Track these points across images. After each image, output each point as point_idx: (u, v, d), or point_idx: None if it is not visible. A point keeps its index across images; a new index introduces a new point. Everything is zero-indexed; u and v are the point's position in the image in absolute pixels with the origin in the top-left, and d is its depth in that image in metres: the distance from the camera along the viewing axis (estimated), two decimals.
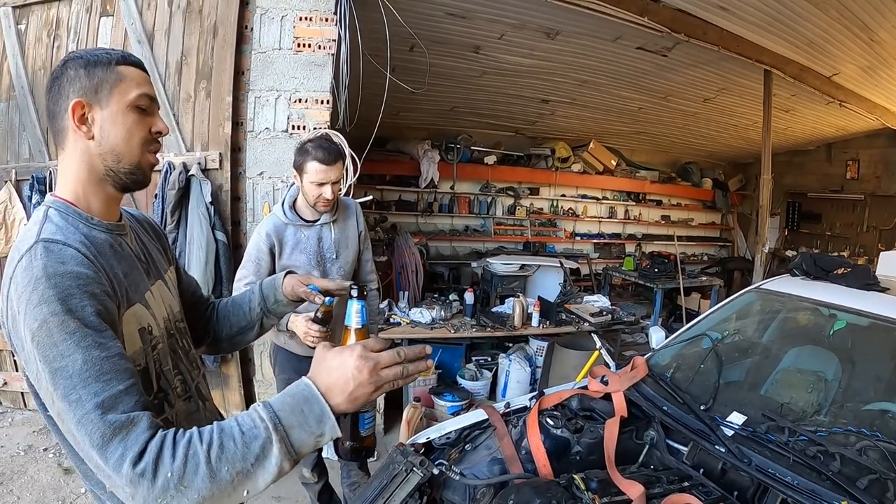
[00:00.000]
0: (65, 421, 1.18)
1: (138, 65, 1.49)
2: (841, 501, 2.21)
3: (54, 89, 1.42)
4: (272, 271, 3.25)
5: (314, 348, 3.00)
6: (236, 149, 5.06)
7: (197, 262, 4.68)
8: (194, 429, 1.18)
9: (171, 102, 4.92)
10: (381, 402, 5.57)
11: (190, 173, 4.77)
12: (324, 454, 4.10)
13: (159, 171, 4.74)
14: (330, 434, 1.26)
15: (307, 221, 3.35)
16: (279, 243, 3.27)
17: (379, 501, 2.35)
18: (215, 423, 1.21)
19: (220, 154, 4.92)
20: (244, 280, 3.28)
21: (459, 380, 6.24)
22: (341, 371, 1.28)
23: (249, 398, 5.13)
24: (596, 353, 3.48)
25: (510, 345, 6.75)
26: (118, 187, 1.50)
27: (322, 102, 5.05)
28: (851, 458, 2.45)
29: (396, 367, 1.33)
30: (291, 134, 5.03)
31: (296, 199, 3.39)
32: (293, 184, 3.39)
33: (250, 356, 5.22)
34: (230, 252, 4.94)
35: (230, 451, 1.16)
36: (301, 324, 3.02)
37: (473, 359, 6.61)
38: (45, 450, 4.80)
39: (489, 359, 6.63)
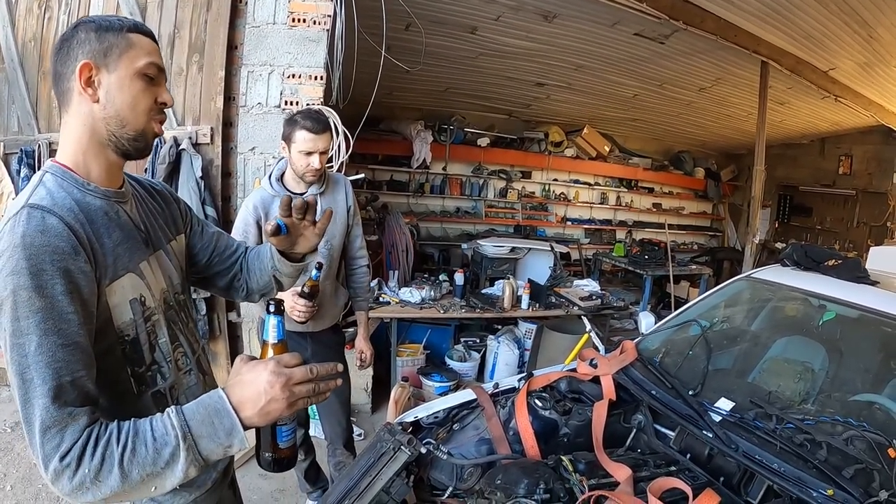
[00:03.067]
0: (14, 391, 1.21)
1: (149, 34, 1.50)
2: (827, 490, 2.22)
3: (63, 50, 1.41)
4: (259, 243, 3.16)
5: (302, 323, 3.04)
6: (228, 124, 5.00)
7: None
8: (114, 427, 1.22)
9: None
10: (368, 381, 5.56)
11: (181, 147, 4.70)
12: (311, 432, 4.11)
13: None
14: (238, 446, 1.29)
15: (294, 194, 3.24)
16: (265, 215, 3.25)
17: (366, 480, 2.35)
18: (132, 422, 1.24)
19: (212, 129, 4.86)
20: None
21: (448, 360, 6.26)
22: (254, 386, 1.30)
23: None
24: (585, 335, 3.49)
25: (499, 327, 6.77)
26: (119, 153, 1.49)
27: (316, 78, 5.00)
28: (838, 447, 2.46)
29: (309, 384, 1.34)
30: (284, 109, 4.97)
31: (284, 173, 3.36)
32: (282, 157, 3.37)
33: (238, 333, 5.21)
34: (220, 227, 4.90)
35: (141, 456, 1.20)
36: (288, 298, 3.05)
37: (462, 340, 6.63)
38: None
39: (478, 340, 6.66)
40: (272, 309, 1.44)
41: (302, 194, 3.23)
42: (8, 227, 1.26)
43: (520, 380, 3.09)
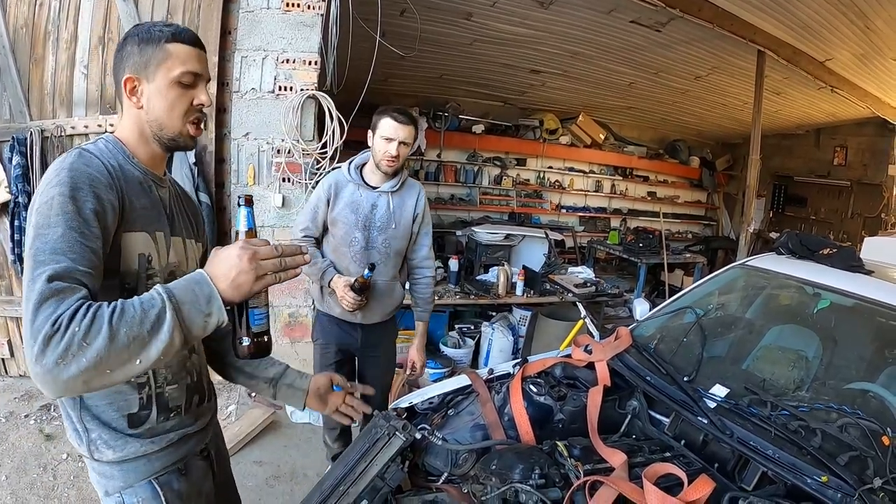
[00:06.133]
0: (24, 279, 1.31)
1: (188, 40, 1.65)
2: (821, 476, 2.23)
3: (117, 60, 1.65)
4: (325, 221, 3.50)
5: (351, 312, 3.21)
6: (221, 109, 5.00)
7: None
8: (104, 301, 1.29)
9: None
10: None
11: None
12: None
13: None
14: (217, 315, 1.36)
15: (368, 185, 3.46)
16: (336, 196, 3.44)
17: (361, 465, 2.34)
18: (121, 299, 1.31)
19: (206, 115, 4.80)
20: (302, 227, 3.55)
21: (442, 347, 6.26)
22: (226, 260, 1.38)
23: None
24: (580, 322, 3.48)
25: (493, 314, 6.77)
26: (163, 148, 1.73)
27: (310, 63, 5.00)
28: (833, 434, 2.46)
29: (275, 259, 1.42)
30: (278, 95, 4.97)
31: (364, 165, 3.53)
32: (366, 149, 3.54)
33: None
34: (214, 215, 4.90)
35: (129, 315, 1.25)
36: (340, 287, 3.34)
37: (457, 326, 6.64)
38: (26, 416, 4.74)
39: (472, 327, 6.66)
40: (242, 202, 1.53)
41: (375, 188, 3.46)
42: (60, 159, 1.50)
43: (514, 366, 3.08)
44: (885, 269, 3.63)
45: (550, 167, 11.86)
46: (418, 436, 2.54)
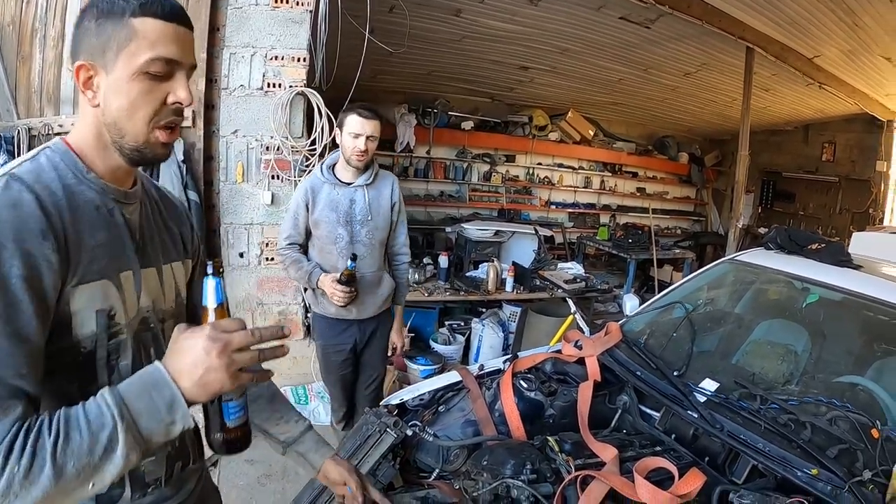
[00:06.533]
0: None
1: (165, 14, 1.21)
2: (811, 469, 2.24)
3: (73, 40, 1.25)
4: (307, 226, 3.57)
5: (343, 307, 3.20)
6: (210, 106, 4.95)
7: None
8: (45, 417, 1.04)
9: None
10: None
11: None
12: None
13: None
14: (182, 423, 1.12)
15: (342, 182, 3.53)
16: (313, 199, 3.51)
17: (352, 462, 2.27)
18: (63, 410, 1.06)
19: (193, 112, 4.80)
20: (285, 235, 3.63)
21: (432, 343, 6.26)
22: (191, 354, 1.12)
23: None
24: (570, 317, 3.49)
25: (483, 310, 6.77)
26: (126, 160, 1.30)
27: (298, 60, 4.97)
28: (822, 427, 2.48)
29: (250, 351, 1.17)
30: (266, 92, 4.94)
31: (335, 164, 3.59)
32: (335, 149, 3.62)
33: None
34: (203, 212, 4.87)
35: (76, 444, 1.02)
36: (328, 284, 3.40)
37: (447, 323, 6.63)
38: None
39: (462, 323, 6.65)
40: (210, 270, 1.27)
41: (349, 183, 3.53)
42: None
43: (505, 361, 3.09)
44: (872, 264, 3.65)
45: (539, 163, 11.86)
46: (409, 432, 2.57)
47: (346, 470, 1.79)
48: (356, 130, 3.35)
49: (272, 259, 5.09)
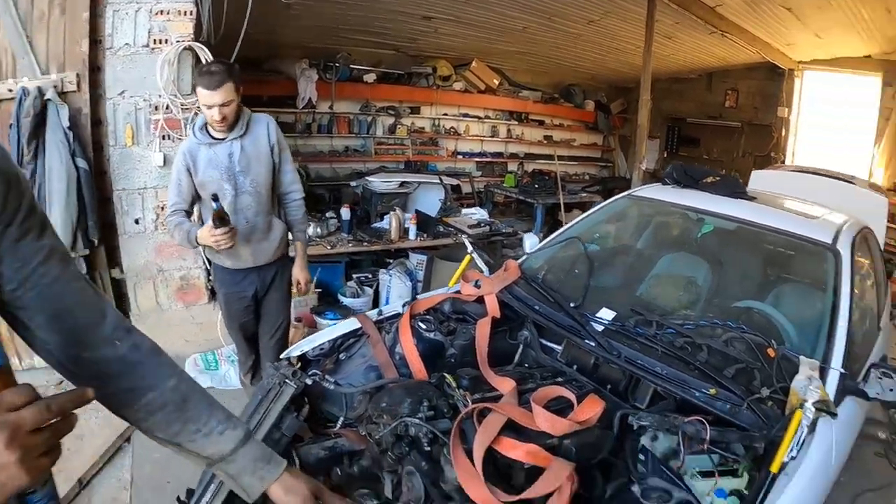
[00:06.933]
0: None
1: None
2: (709, 389, 2.25)
3: None
4: (193, 190, 3.46)
5: (230, 248, 3.27)
6: (95, 69, 4.67)
7: (58, 194, 4.33)
8: None
9: (22, 22, 4.40)
10: None
11: (46, 98, 4.32)
12: None
13: (12, 98, 4.31)
14: None
15: (216, 139, 3.42)
16: (193, 163, 3.41)
17: (256, 418, 2.28)
18: None
19: (78, 75, 4.53)
20: (170, 203, 3.50)
21: (341, 297, 6.16)
22: None
23: None
24: (468, 257, 3.43)
25: (390, 261, 6.70)
26: None
27: (185, 14, 4.75)
28: (718, 349, 2.52)
29: (47, 431, 0.86)
30: (153, 49, 4.70)
31: (206, 123, 3.46)
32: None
33: (124, 290, 5.00)
34: (92, 180, 4.59)
35: None
36: (206, 236, 3.22)
37: (354, 276, 6.53)
38: None
39: (370, 276, 6.57)
40: None
41: (223, 139, 3.41)
42: None
43: (404, 305, 3.03)
44: (767, 197, 3.74)
45: (445, 114, 11.72)
46: (309, 382, 2.50)
47: (304, 496, 1.37)
48: (206, 103, 3.24)
49: None
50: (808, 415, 2.02)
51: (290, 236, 3.85)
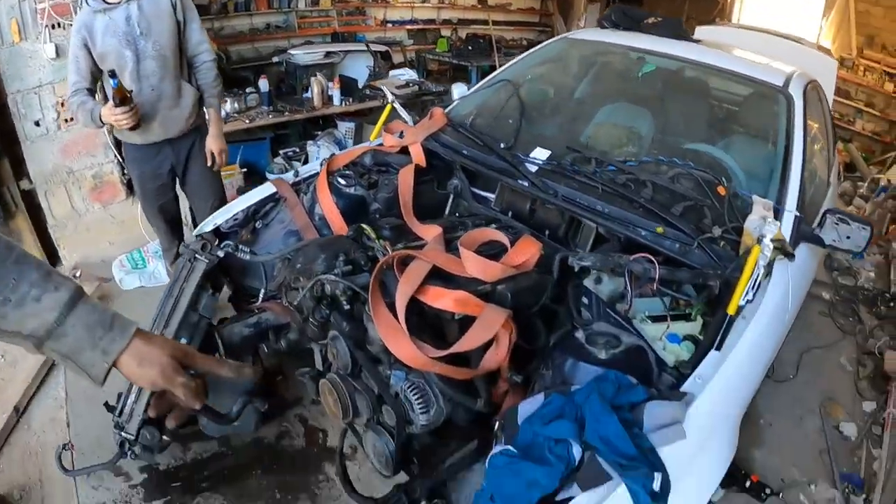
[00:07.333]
0: None
1: None
2: (655, 228, 2.07)
3: None
4: (94, 65, 3.18)
5: (136, 128, 3.08)
6: None
7: None
8: None
9: None
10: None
11: None
12: None
13: None
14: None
15: (111, 3, 3.11)
16: (90, 34, 3.12)
17: (169, 302, 2.17)
18: None
19: None
20: (70, 83, 3.21)
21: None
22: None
23: (50, 250, 4.49)
24: (388, 107, 3.18)
25: (318, 133, 6.41)
26: None
27: None
28: (664, 185, 2.33)
29: None
30: None
31: None
32: None
33: (37, 201, 4.55)
34: None
35: None
36: (107, 114, 2.99)
37: (281, 152, 6.24)
38: None
39: (297, 150, 6.28)
40: None
41: (118, 2, 3.10)
42: None
43: (321, 163, 2.79)
44: (713, 43, 3.61)
45: None
46: (221, 254, 2.37)
47: (161, 365, 1.05)
48: None
49: (72, 119, 4.43)
50: (765, 252, 1.86)
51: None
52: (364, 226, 2.10)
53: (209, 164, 3.56)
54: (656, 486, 1.32)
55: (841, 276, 4.92)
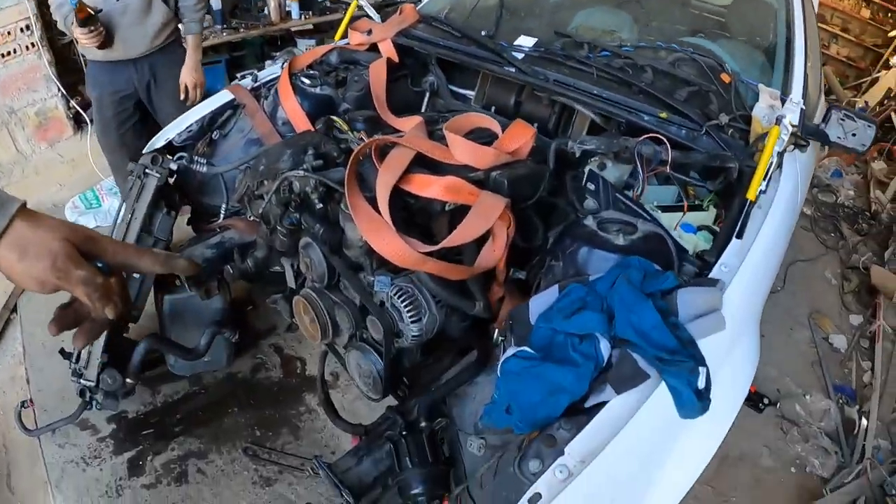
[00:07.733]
0: None
1: None
2: (659, 112, 1.87)
3: None
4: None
5: (103, 47, 2.87)
6: None
7: None
8: None
9: None
10: None
11: None
12: None
13: None
14: None
15: None
16: None
17: (122, 227, 2.03)
18: None
19: None
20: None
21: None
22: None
23: None
24: (353, 3, 2.91)
25: (275, 54, 6.09)
26: None
27: None
28: (665, 70, 2.13)
29: None
30: None
31: None
32: None
33: None
34: None
35: None
36: (76, 33, 2.77)
37: (238, 75, 5.89)
38: None
39: (255, 71, 5.96)
40: None
41: None
42: None
43: (281, 64, 2.55)
44: None
45: None
46: (174, 166, 2.17)
47: (53, 254, 0.76)
48: None
49: (9, 53, 4.11)
50: (783, 136, 1.70)
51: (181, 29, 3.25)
52: (335, 118, 1.88)
53: (181, 97, 3.24)
54: (701, 382, 1.13)
55: (821, 192, 5.02)
